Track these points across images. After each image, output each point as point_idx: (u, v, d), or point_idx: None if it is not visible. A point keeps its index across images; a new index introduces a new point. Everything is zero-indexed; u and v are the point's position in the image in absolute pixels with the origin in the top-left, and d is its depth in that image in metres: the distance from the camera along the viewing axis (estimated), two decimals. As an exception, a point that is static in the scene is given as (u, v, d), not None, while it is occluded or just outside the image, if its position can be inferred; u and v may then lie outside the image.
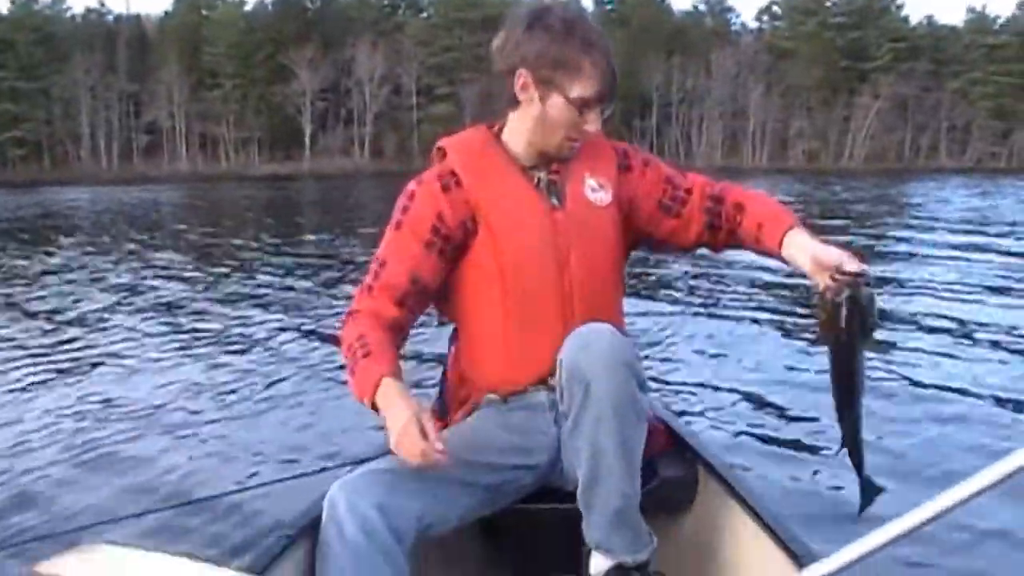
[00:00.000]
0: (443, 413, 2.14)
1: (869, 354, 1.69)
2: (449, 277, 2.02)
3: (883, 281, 10.48)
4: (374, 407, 1.81)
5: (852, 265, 1.65)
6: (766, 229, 1.92)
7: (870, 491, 1.82)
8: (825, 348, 1.69)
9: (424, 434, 1.70)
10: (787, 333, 7.69)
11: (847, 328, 1.63)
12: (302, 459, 4.52)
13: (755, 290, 10.08)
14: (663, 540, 1.98)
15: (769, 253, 1.93)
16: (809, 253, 1.75)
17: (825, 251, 1.72)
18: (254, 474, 4.34)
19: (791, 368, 6.32)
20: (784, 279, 10.15)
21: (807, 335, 7.29)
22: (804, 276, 1.80)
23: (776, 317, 8.47)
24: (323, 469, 2.26)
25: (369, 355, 1.86)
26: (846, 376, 1.69)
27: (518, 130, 2.00)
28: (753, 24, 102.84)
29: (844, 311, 1.62)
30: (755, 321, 8.27)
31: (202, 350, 7.33)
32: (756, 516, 2.02)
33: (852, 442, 1.76)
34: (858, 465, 1.79)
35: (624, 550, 1.82)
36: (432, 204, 1.96)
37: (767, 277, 10.58)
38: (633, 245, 2.15)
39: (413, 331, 2.08)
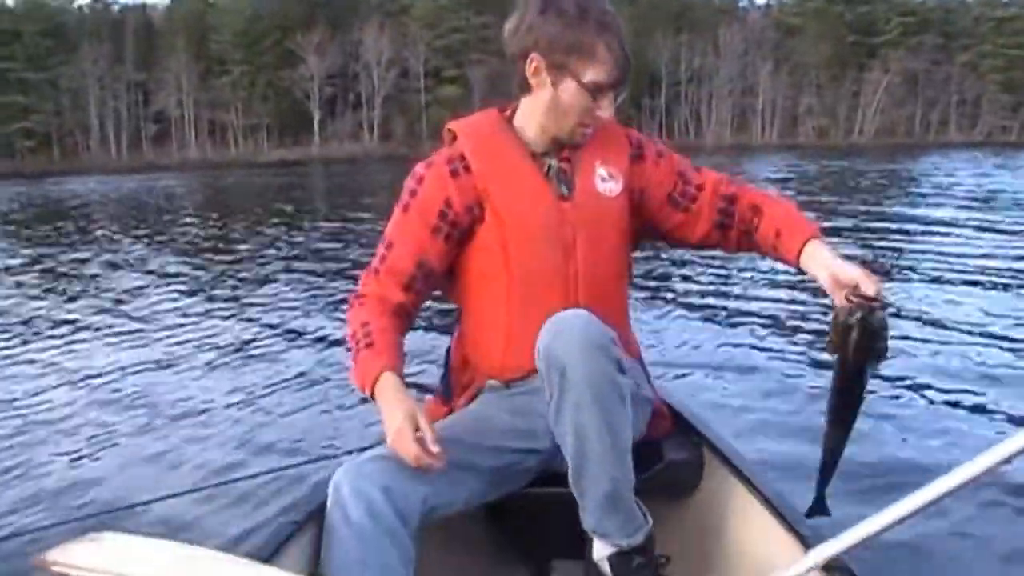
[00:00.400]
0: (447, 396, 2.15)
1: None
2: (455, 260, 2.02)
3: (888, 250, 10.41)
4: (374, 397, 1.83)
5: (868, 287, 1.64)
6: (784, 236, 1.90)
7: (817, 510, 1.82)
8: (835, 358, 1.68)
9: (418, 433, 1.72)
10: (797, 330, 7.55)
11: (855, 352, 1.62)
12: (308, 446, 4.53)
13: (767, 286, 9.95)
14: (669, 523, 1.98)
15: (786, 261, 1.90)
16: (827, 269, 1.74)
17: (843, 268, 1.70)
18: (261, 461, 4.34)
19: (798, 368, 6.17)
20: (796, 278, 10.01)
21: (818, 337, 7.17)
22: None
23: (788, 315, 8.35)
24: (328, 456, 2.27)
25: (371, 345, 1.88)
26: (845, 396, 1.69)
27: (530, 115, 1.99)
28: (760, 0, 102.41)
29: (854, 334, 1.61)
30: (767, 319, 8.12)
31: (207, 338, 7.34)
32: (762, 498, 2.03)
33: (830, 458, 1.75)
34: (823, 482, 1.78)
35: (618, 534, 1.81)
36: (440, 189, 1.96)
37: (779, 275, 10.43)
38: (641, 235, 2.14)
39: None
